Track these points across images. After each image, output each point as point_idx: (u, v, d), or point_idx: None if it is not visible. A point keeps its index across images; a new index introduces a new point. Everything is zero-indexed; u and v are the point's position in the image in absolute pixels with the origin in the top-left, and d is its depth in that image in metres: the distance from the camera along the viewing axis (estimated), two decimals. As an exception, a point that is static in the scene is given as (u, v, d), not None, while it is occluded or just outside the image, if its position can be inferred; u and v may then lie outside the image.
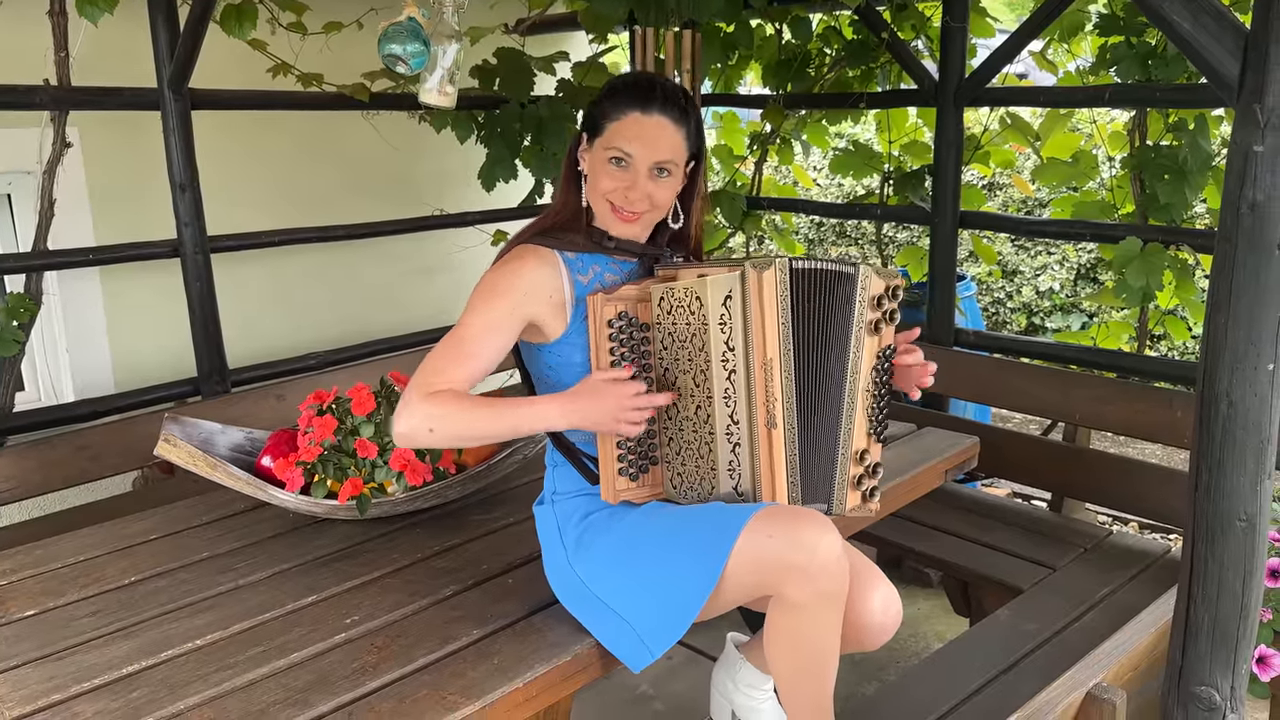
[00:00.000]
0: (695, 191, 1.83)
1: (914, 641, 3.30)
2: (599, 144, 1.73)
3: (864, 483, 1.81)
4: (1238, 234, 1.30)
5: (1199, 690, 1.45)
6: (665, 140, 1.71)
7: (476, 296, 1.70)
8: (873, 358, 1.78)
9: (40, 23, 2.92)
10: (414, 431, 1.63)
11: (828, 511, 1.78)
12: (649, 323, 1.72)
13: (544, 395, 1.71)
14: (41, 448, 2.66)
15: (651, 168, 1.71)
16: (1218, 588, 1.41)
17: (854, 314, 1.73)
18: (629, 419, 1.63)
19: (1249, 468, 1.35)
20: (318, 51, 3.31)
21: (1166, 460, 4.81)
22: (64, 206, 3.07)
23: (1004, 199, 6.73)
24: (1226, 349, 1.33)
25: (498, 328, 1.68)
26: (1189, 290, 3.24)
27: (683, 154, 1.75)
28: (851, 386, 1.75)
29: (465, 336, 1.68)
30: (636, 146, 1.70)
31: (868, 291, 1.74)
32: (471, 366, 1.66)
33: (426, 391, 1.63)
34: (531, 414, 1.65)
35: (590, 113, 1.77)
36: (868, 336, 1.76)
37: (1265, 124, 1.25)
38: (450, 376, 1.65)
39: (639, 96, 1.72)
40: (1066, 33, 3.48)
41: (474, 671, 1.58)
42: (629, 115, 1.71)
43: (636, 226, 1.76)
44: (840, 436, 1.76)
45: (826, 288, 1.72)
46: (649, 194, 1.72)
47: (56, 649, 1.65)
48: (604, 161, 1.72)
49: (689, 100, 1.76)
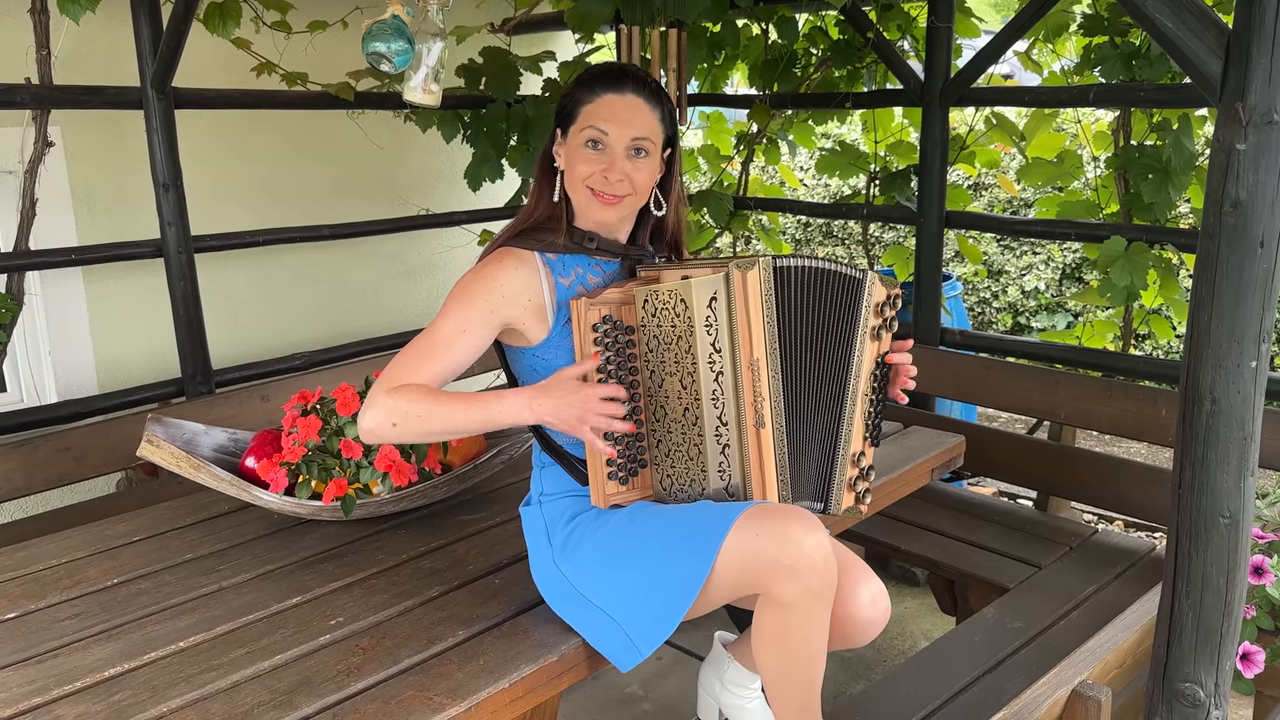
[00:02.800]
0: (673, 179, 1.83)
1: (901, 640, 3.31)
2: (573, 131, 1.73)
3: (859, 485, 1.82)
4: (1220, 232, 1.30)
5: (1183, 687, 1.45)
6: (641, 117, 1.72)
7: (452, 298, 1.70)
8: (872, 363, 1.79)
9: (22, 21, 2.89)
10: (378, 426, 1.63)
11: (824, 511, 1.79)
12: (634, 325, 1.71)
13: (512, 389, 1.70)
14: (24, 449, 2.64)
15: (628, 146, 1.71)
16: (1202, 585, 1.41)
17: (860, 319, 1.75)
18: (594, 422, 1.61)
19: (1232, 465, 1.36)
20: (302, 50, 3.30)
21: (1151, 459, 4.84)
22: (46, 206, 3.05)
23: (989, 199, 6.75)
24: (1210, 347, 1.33)
25: (471, 330, 1.68)
26: (1173, 289, 3.26)
27: (658, 134, 1.74)
28: (853, 389, 1.77)
29: (437, 337, 1.67)
30: (612, 125, 1.70)
31: (873, 298, 1.76)
32: (440, 365, 1.66)
33: (390, 387, 1.63)
34: (499, 408, 1.64)
35: (563, 104, 1.77)
36: (870, 341, 1.77)
37: (1247, 122, 1.26)
38: (418, 374, 1.65)
39: (611, 79, 1.73)
40: (1051, 33, 3.50)
41: (460, 672, 1.58)
42: (602, 96, 1.72)
43: (617, 212, 1.75)
44: (841, 438, 1.78)
45: (827, 288, 1.72)
46: (628, 174, 1.71)
47: (38, 651, 1.63)
48: (580, 146, 1.72)
49: (660, 87, 1.77)
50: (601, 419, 1.61)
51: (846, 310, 1.74)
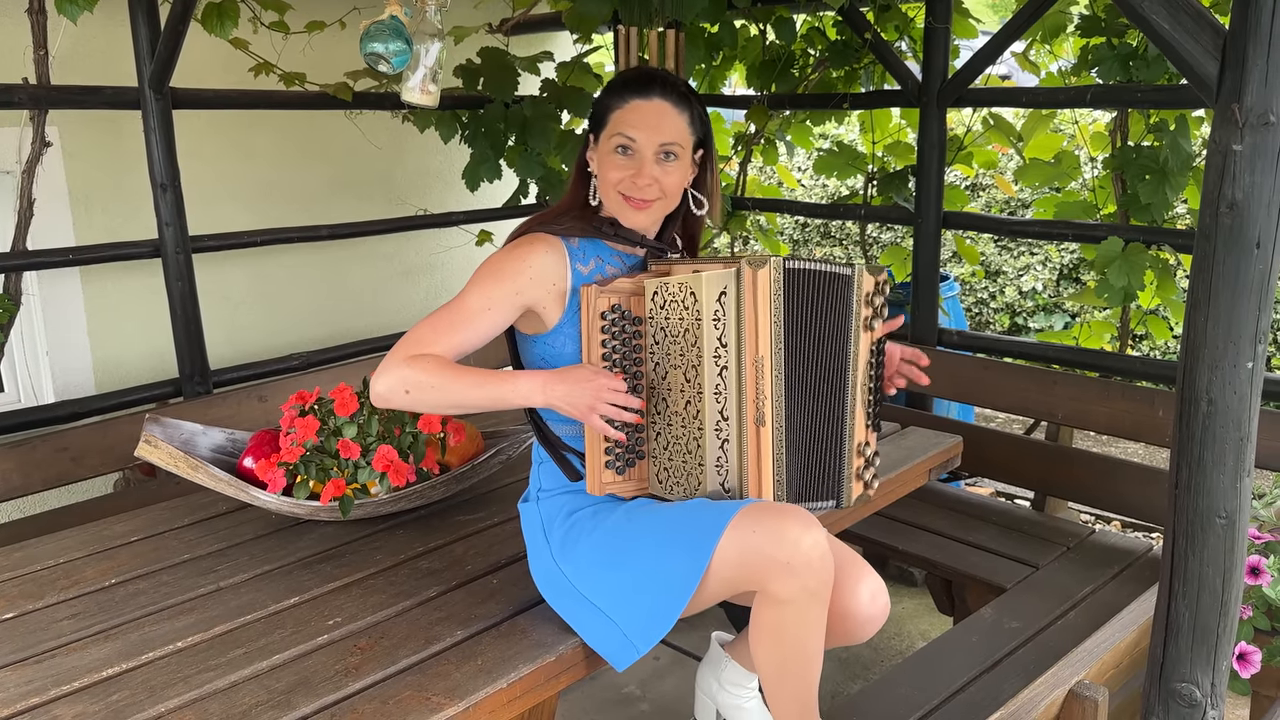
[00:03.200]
0: (708, 177, 1.86)
1: (898, 640, 3.31)
2: (604, 136, 1.76)
3: (866, 473, 1.84)
4: (1217, 233, 1.30)
5: (1180, 687, 1.46)
6: (667, 122, 1.73)
7: (481, 274, 1.71)
8: (868, 352, 1.81)
9: (19, 21, 2.89)
10: (390, 391, 1.65)
11: (836, 506, 1.81)
12: (642, 317, 1.73)
13: (527, 370, 1.72)
14: (21, 449, 2.64)
15: (656, 151, 1.73)
16: (1198, 585, 1.41)
17: (852, 313, 1.76)
18: (603, 411, 1.62)
19: (1229, 465, 1.36)
20: (300, 51, 3.30)
21: (1148, 459, 4.84)
22: (43, 206, 3.05)
23: (987, 199, 6.76)
24: (1206, 347, 1.34)
25: (496, 308, 1.70)
26: (1170, 290, 3.26)
27: (687, 138, 1.76)
28: (853, 383, 1.78)
29: (461, 309, 1.69)
30: (639, 131, 1.72)
31: (863, 290, 1.77)
32: (460, 338, 1.67)
33: (408, 354, 1.64)
34: (512, 387, 1.65)
35: (594, 111, 1.81)
36: (864, 333, 1.79)
37: (1244, 124, 1.26)
38: (437, 345, 1.66)
39: (639, 85, 1.76)
40: (1048, 34, 3.50)
41: (458, 672, 1.58)
42: (630, 103, 1.74)
43: (648, 216, 1.78)
44: (846, 433, 1.79)
45: (822, 289, 1.74)
46: (656, 178, 1.73)
47: (36, 651, 1.63)
48: (610, 153, 1.75)
49: (690, 89, 1.79)
50: (613, 409, 1.63)
51: (840, 307, 1.76)
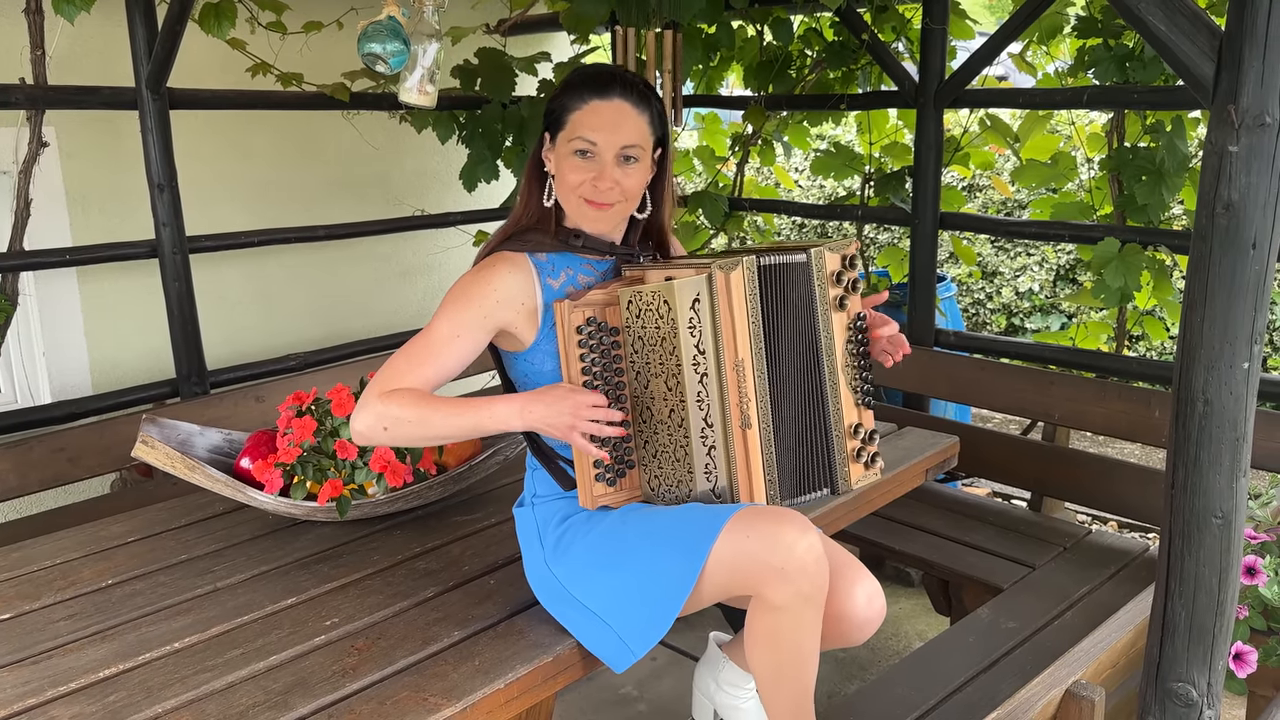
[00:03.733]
0: (664, 180, 1.82)
1: (895, 640, 3.31)
2: (562, 138, 1.72)
3: (864, 453, 1.81)
4: (1213, 234, 1.31)
5: (1176, 687, 1.46)
6: (628, 124, 1.70)
7: (448, 302, 1.70)
8: (844, 331, 1.78)
9: (16, 21, 2.89)
10: (369, 430, 1.64)
11: (833, 493, 1.79)
12: (619, 326, 1.71)
13: (504, 395, 1.69)
14: (18, 449, 2.64)
15: (617, 154, 1.69)
16: (1194, 585, 1.41)
17: (815, 296, 1.74)
18: (583, 429, 1.61)
19: (1225, 466, 1.36)
20: (297, 51, 3.30)
21: (1145, 460, 4.85)
22: (40, 206, 3.04)
23: (984, 200, 6.76)
24: (1202, 348, 1.34)
25: (465, 335, 1.68)
26: (1166, 290, 3.27)
27: (648, 139, 1.73)
28: (830, 367, 1.76)
29: (431, 340, 1.67)
30: (600, 134, 1.68)
31: (824, 271, 1.74)
32: (434, 369, 1.66)
33: (384, 389, 1.63)
34: (490, 414, 1.64)
35: (550, 109, 1.75)
36: (834, 313, 1.76)
37: (1240, 125, 1.26)
38: (411, 378, 1.65)
39: (597, 84, 1.70)
40: (1045, 35, 3.50)
41: (455, 673, 1.58)
42: (589, 103, 1.69)
43: (609, 218, 1.75)
44: (830, 420, 1.76)
45: (790, 280, 1.72)
46: (618, 181, 1.70)
47: (33, 652, 1.63)
48: (569, 155, 1.70)
49: (648, 87, 1.75)
50: (594, 425, 1.61)
51: (803, 292, 1.73)
